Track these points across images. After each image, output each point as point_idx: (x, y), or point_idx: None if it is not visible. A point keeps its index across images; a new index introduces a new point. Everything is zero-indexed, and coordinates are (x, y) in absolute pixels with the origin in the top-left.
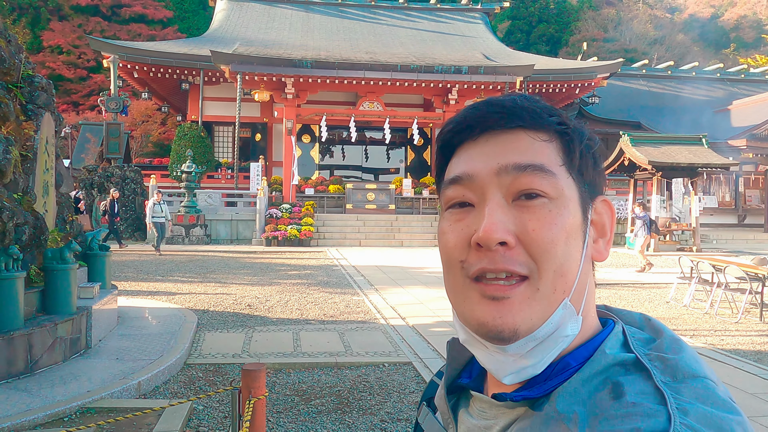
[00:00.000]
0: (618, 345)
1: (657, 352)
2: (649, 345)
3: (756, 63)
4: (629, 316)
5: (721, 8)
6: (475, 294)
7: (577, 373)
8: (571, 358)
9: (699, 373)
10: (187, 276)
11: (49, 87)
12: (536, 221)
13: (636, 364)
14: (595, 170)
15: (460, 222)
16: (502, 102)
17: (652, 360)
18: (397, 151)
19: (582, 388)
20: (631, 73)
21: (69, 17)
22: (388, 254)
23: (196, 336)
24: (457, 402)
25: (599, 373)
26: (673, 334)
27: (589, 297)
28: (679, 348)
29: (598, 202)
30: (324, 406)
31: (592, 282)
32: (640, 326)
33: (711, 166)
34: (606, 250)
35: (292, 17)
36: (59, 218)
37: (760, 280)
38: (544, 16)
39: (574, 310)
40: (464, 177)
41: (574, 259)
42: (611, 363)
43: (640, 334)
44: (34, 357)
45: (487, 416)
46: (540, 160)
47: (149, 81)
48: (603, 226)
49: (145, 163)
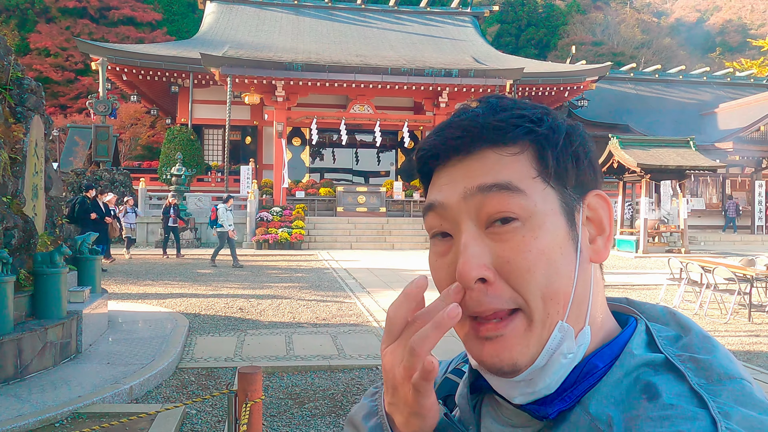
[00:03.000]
0: (643, 344)
1: (688, 352)
2: (676, 343)
3: (741, 67)
4: (652, 309)
5: (707, 13)
6: (472, 332)
7: (606, 375)
8: (598, 360)
9: (735, 374)
10: (177, 279)
11: (38, 89)
12: (510, 251)
13: (666, 365)
14: (579, 168)
15: (444, 257)
16: (462, 123)
17: (683, 361)
18: (387, 154)
19: (614, 389)
20: (619, 77)
21: (56, 19)
22: (379, 257)
23: (187, 340)
24: (477, 402)
25: (629, 374)
26: (701, 330)
27: (595, 301)
28: (712, 347)
29: (591, 198)
30: (318, 410)
31: (597, 282)
32: (664, 322)
33: (698, 168)
34: (606, 249)
35: (282, 20)
36: (49, 222)
37: (748, 281)
38: (532, 19)
39: (573, 331)
40: (437, 205)
41: (563, 275)
42: (640, 363)
43: (666, 331)
44: (23, 362)
45: (513, 423)
46: (506, 178)
47: (138, 84)
48: (600, 221)
49: (135, 167)
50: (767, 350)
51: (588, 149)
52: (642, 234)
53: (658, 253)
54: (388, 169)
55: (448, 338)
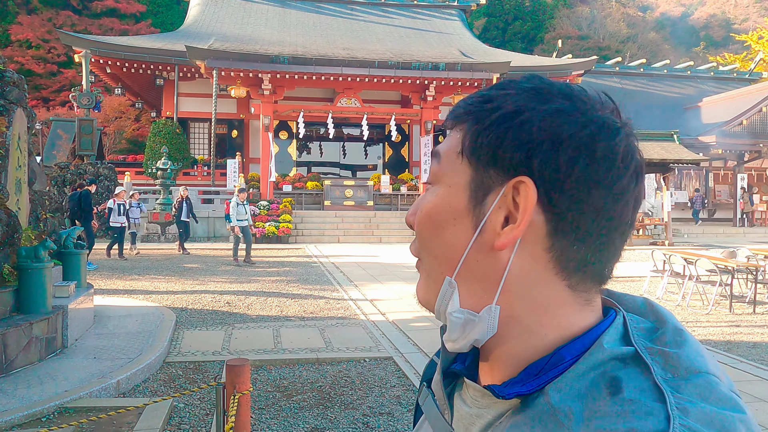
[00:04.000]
0: (618, 338)
1: (659, 345)
2: (651, 335)
3: (725, 61)
4: (632, 301)
5: (692, 7)
6: None
7: (572, 367)
8: (565, 351)
9: (702, 369)
10: (164, 274)
11: (21, 82)
12: (420, 205)
13: (635, 358)
14: (498, 149)
15: None
16: (458, 104)
17: (653, 354)
18: (374, 147)
19: (577, 382)
20: (604, 71)
21: (38, 11)
22: (366, 250)
23: (174, 334)
24: (453, 387)
25: (596, 367)
26: (676, 323)
27: (516, 290)
28: (682, 341)
29: (511, 185)
30: (306, 402)
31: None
32: (642, 313)
33: (682, 161)
34: (505, 237)
35: (269, 12)
36: (33, 216)
37: (729, 272)
38: (519, 13)
39: (456, 292)
40: None
41: (450, 244)
42: (609, 357)
43: (642, 323)
44: (9, 357)
45: (479, 405)
46: (439, 148)
47: (122, 76)
48: (511, 210)
49: (119, 160)
50: (747, 340)
51: (516, 133)
52: None
53: (642, 245)
54: (376, 163)
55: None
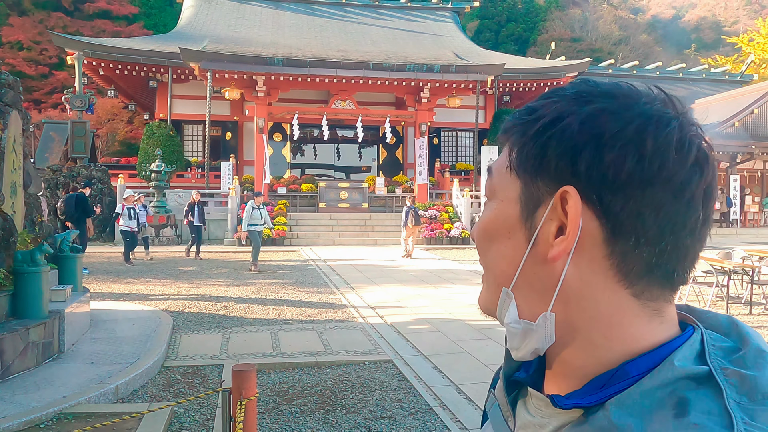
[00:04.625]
0: (693, 356)
1: (736, 366)
2: (729, 356)
3: (716, 63)
4: (714, 319)
5: (683, 10)
6: None
7: (637, 384)
8: (630, 367)
9: None
10: (159, 278)
11: (16, 84)
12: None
13: (709, 379)
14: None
15: None
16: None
17: (728, 376)
18: (369, 149)
19: (642, 399)
20: (597, 73)
21: (29, 12)
22: (362, 252)
23: (172, 338)
24: (517, 395)
25: (664, 386)
26: (760, 344)
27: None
28: (763, 363)
29: (559, 195)
30: (306, 406)
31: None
32: (725, 332)
33: None
34: (556, 248)
35: (262, 14)
36: (28, 219)
37: (725, 273)
38: (512, 15)
39: (513, 299)
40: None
41: (505, 257)
42: (680, 376)
43: (723, 341)
44: (5, 363)
45: (542, 414)
46: (493, 164)
47: (115, 78)
48: (562, 222)
49: (112, 163)
50: None
51: (578, 143)
52: None
53: None
54: (370, 165)
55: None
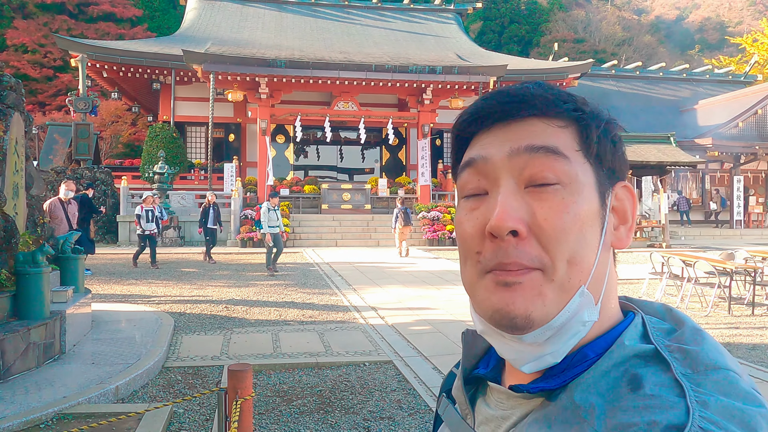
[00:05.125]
0: (638, 336)
1: (678, 343)
2: (669, 336)
3: (720, 64)
4: (650, 306)
5: (686, 10)
6: (489, 282)
7: (595, 365)
8: (588, 349)
9: (721, 365)
10: (161, 279)
11: (18, 86)
12: (548, 209)
13: (655, 356)
14: (615, 155)
15: (475, 211)
16: (515, 91)
17: (672, 351)
18: (372, 151)
19: (600, 379)
20: (600, 74)
21: (34, 15)
22: (364, 254)
23: (173, 339)
24: (475, 392)
25: (618, 365)
26: (694, 324)
27: (609, 286)
28: (701, 339)
29: (619, 188)
30: (306, 407)
31: (613, 271)
32: (661, 317)
33: (679, 164)
34: (627, 237)
35: (265, 16)
36: (30, 221)
37: (728, 274)
38: (515, 17)
39: (592, 298)
40: (478, 159)
41: (590, 246)
42: (630, 354)
43: (661, 324)
44: (6, 363)
45: (504, 407)
46: (554, 143)
47: (119, 81)
48: (624, 212)
49: (116, 165)
50: (746, 342)
51: (622, 142)
52: None
53: (640, 248)
54: (373, 166)
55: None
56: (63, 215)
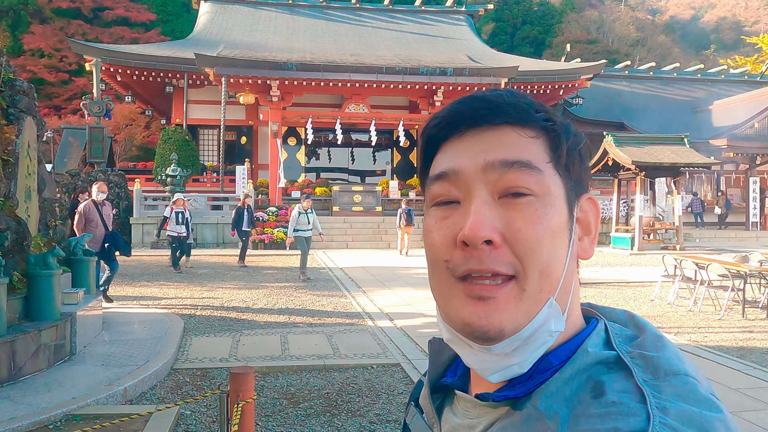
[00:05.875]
0: (600, 343)
1: (639, 349)
2: (631, 342)
3: (736, 64)
4: (613, 313)
5: (702, 10)
6: (461, 294)
7: (558, 372)
8: (553, 357)
9: (680, 371)
10: (172, 280)
11: (30, 91)
12: (522, 220)
13: (618, 362)
14: (582, 167)
15: (446, 220)
16: (488, 97)
17: (633, 358)
18: (383, 153)
19: (564, 387)
20: (613, 74)
21: (50, 20)
22: (375, 256)
23: (182, 341)
24: (442, 401)
25: (581, 372)
26: (655, 330)
27: (574, 295)
28: (661, 345)
29: (584, 200)
30: (313, 409)
31: (577, 280)
32: (623, 323)
33: (693, 165)
34: (591, 248)
35: (277, 19)
36: (42, 223)
37: (742, 277)
38: (527, 18)
39: (560, 309)
40: (450, 173)
41: (559, 258)
42: (593, 361)
43: (624, 331)
44: (17, 364)
45: (470, 415)
46: (527, 157)
47: (133, 84)
48: (588, 224)
49: (130, 167)
50: (761, 346)
51: (586, 155)
52: (637, 231)
53: (653, 250)
54: (384, 168)
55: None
56: (98, 218)
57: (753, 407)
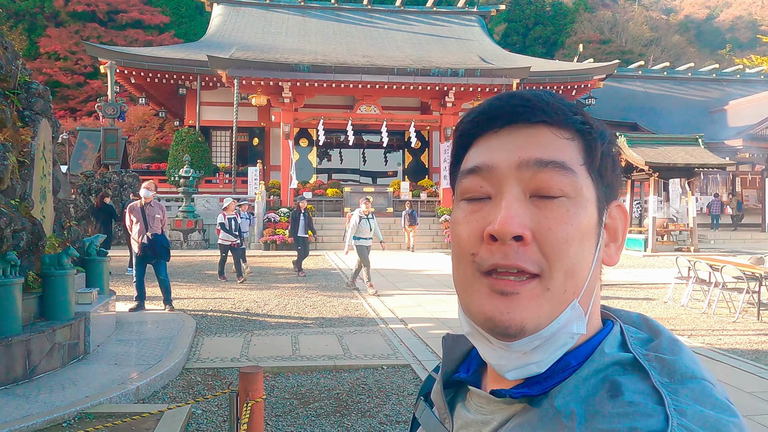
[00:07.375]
0: (616, 345)
1: (655, 352)
2: (646, 345)
3: (751, 63)
4: (627, 316)
5: (717, 9)
6: (484, 288)
7: (576, 372)
8: (571, 357)
9: (697, 375)
10: (185, 281)
11: (45, 93)
12: (553, 219)
13: (634, 364)
14: (614, 173)
15: (475, 213)
16: (526, 95)
17: (650, 360)
18: (394, 154)
19: (581, 386)
20: (627, 75)
21: (66, 23)
22: (386, 257)
23: (194, 340)
24: (454, 397)
25: (598, 372)
26: (671, 334)
27: (595, 299)
28: (678, 349)
29: (613, 207)
30: (323, 410)
31: (599, 285)
32: (638, 326)
33: (707, 166)
34: (617, 255)
35: (289, 21)
36: (57, 224)
37: (757, 279)
38: (540, 18)
39: (582, 311)
40: (483, 168)
41: (585, 260)
42: (609, 362)
43: (639, 333)
44: (32, 363)
45: (484, 411)
46: (562, 158)
47: (146, 86)
48: (616, 231)
49: (143, 169)
50: None
51: (619, 161)
52: (651, 233)
53: (667, 251)
54: (396, 170)
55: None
56: (141, 218)
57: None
